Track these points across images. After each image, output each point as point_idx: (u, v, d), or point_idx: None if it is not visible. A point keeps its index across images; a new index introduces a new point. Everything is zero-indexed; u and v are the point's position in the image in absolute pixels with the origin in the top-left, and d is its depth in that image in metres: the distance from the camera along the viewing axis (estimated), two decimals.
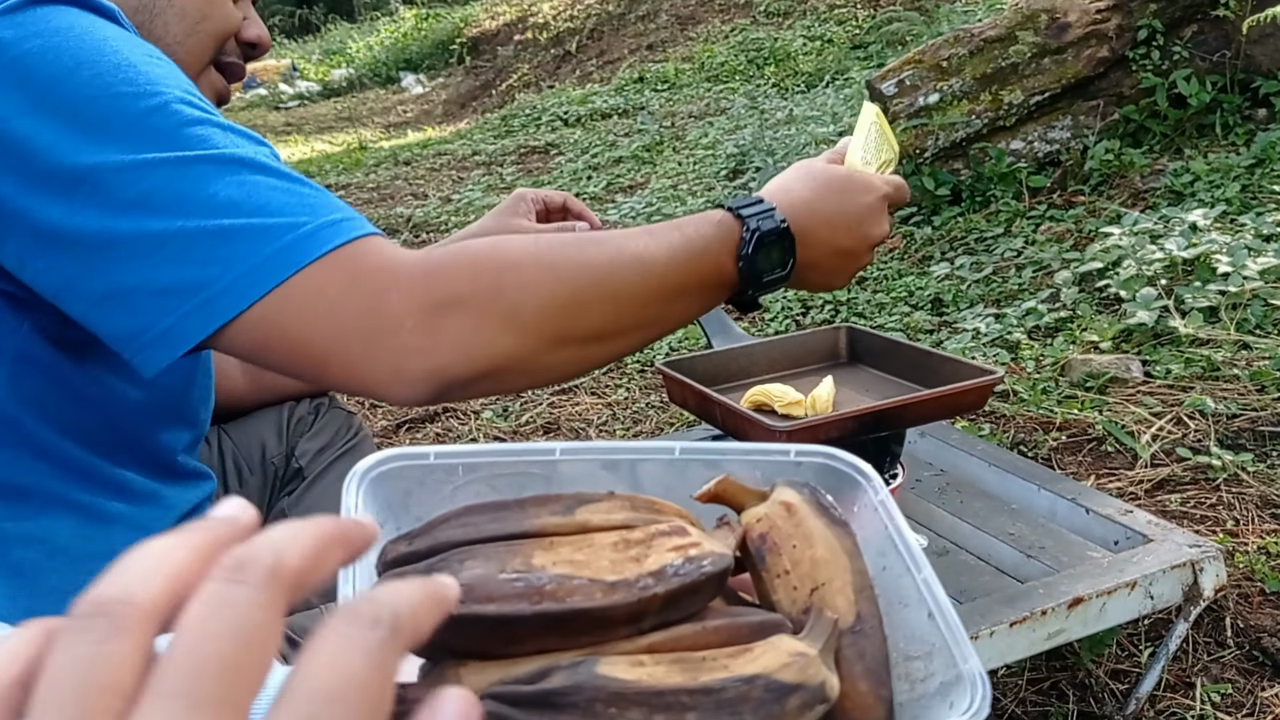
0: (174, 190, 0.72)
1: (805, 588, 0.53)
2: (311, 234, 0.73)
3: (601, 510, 0.54)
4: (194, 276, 0.72)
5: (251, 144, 0.78)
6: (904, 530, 0.56)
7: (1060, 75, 3.34)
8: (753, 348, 1.58)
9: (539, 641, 0.47)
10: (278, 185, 0.75)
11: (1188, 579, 1.31)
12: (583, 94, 7.30)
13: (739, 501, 0.57)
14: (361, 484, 0.54)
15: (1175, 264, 2.36)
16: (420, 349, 0.73)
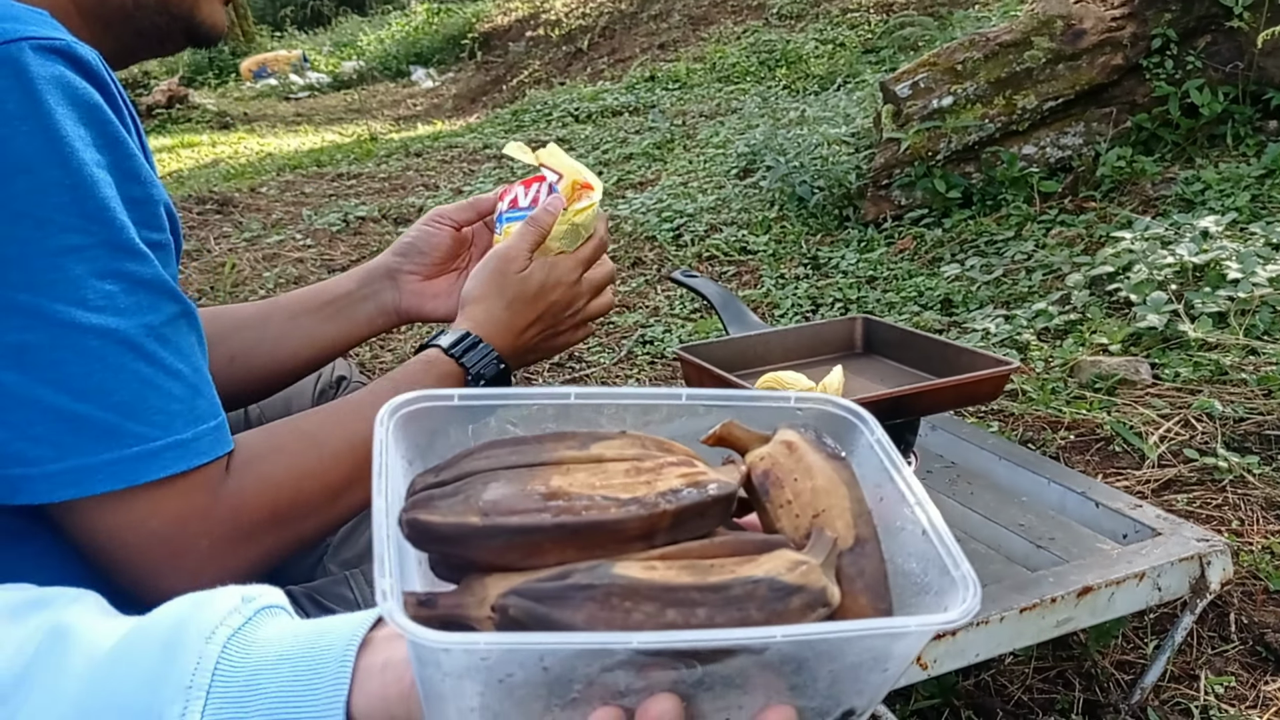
0: (50, 355, 0.70)
1: (807, 515, 0.57)
2: (151, 455, 0.73)
3: (615, 446, 0.58)
4: (22, 450, 0.71)
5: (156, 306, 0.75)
6: (899, 463, 0.59)
7: (1074, 81, 3.36)
8: (769, 336, 1.60)
9: (559, 553, 0.51)
10: (151, 379, 0.74)
11: (1195, 572, 1.33)
12: (594, 91, 7.32)
13: (743, 444, 0.61)
14: (391, 419, 0.58)
15: (1186, 269, 2.38)
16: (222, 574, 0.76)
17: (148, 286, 0.75)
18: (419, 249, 1.20)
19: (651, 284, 3.35)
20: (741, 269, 3.39)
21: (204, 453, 0.77)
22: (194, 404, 0.77)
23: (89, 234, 0.71)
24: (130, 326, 0.73)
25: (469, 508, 0.52)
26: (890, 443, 0.61)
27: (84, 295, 0.71)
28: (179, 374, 0.76)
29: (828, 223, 3.61)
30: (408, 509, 0.53)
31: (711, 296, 1.74)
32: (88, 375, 0.71)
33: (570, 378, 2.64)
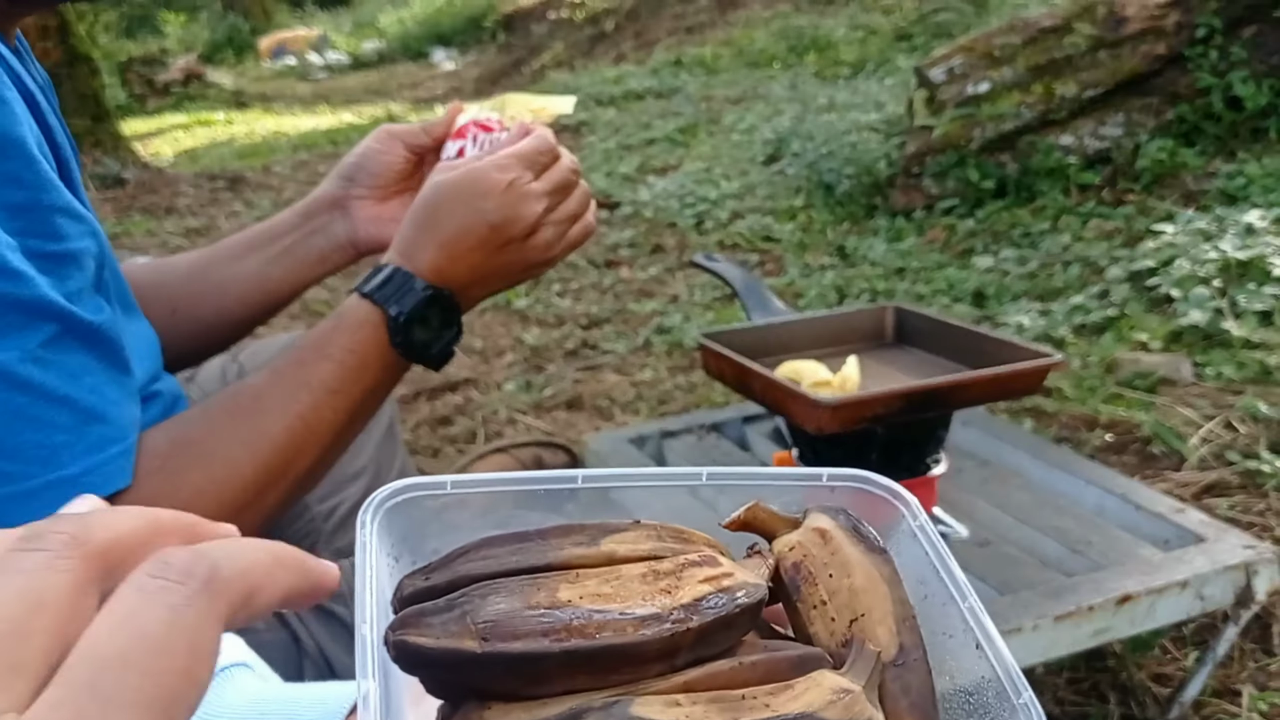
0: None
1: (844, 619, 0.50)
2: (28, 495, 0.67)
3: (628, 540, 0.51)
4: None
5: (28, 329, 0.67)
6: (946, 556, 0.52)
7: (1115, 70, 3.26)
8: (795, 323, 1.53)
9: (567, 681, 0.45)
10: (25, 410, 0.67)
11: (1240, 582, 1.25)
12: (617, 74, 7.24)
13: (770, 529, 0.54)
14: (376, 515, 0.51)
15: (1230, 265, 2.29)
16: None
17: (21, 308, 0.66)
18: (368, 170, 1.06)
19: (671, 271, 3.27)
20: (765, 257, 3.31)
21: (95, 488, 0.68)
22: (84, 433, 0.69)
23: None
24: (4, 361, 0.65)
25: (465, 629, 0.45)
26: (935, 531, 0.53)
27: None
28: (65, 400, 0.68)
29: (856, 211, 3.52)
30: (395, 627, 0.47)
31: (735, 281, 1.66)
32: None
33: (585, 365, 2.57)
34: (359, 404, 0.83)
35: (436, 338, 0.85)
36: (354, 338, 0.83)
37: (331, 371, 0.81)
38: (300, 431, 0.79)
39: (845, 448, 1.31)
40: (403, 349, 0.84)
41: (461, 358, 2.66)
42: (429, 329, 0.84)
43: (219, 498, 0.76)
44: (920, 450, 1.33)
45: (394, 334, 0.83)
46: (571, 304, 3.02)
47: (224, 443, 0.77)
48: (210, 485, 0.75)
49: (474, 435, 2.20)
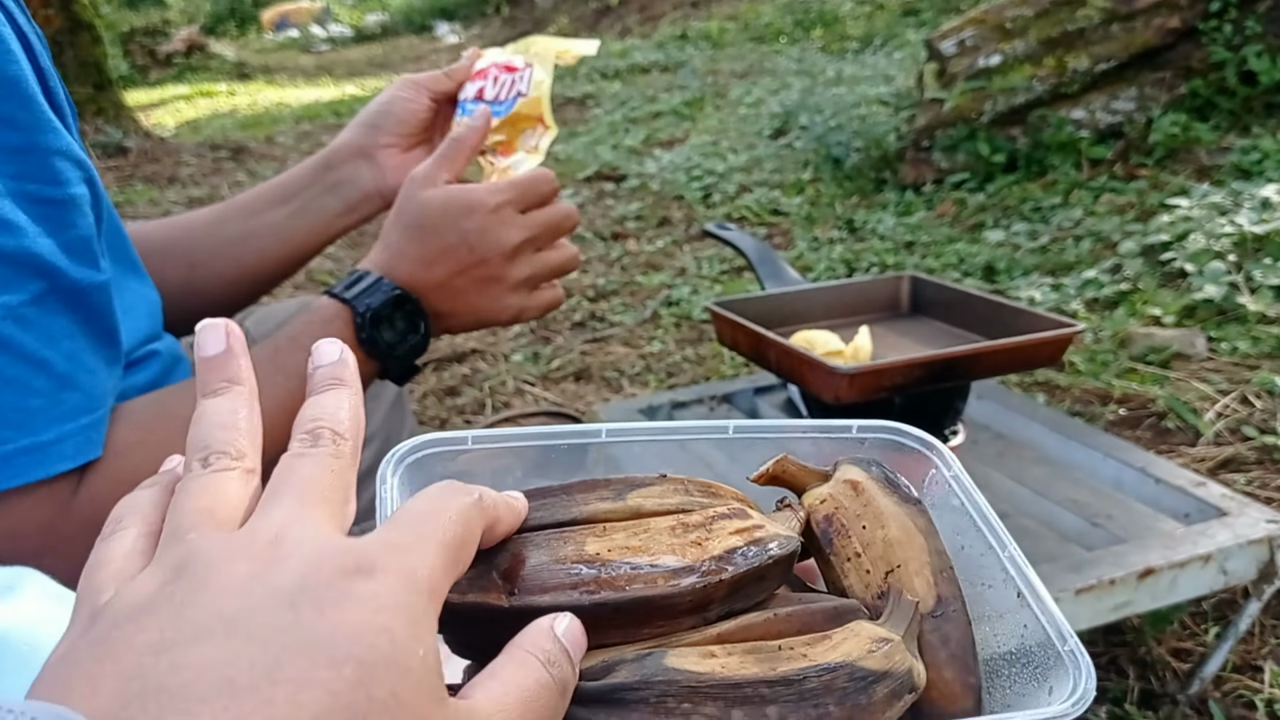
0: None
1: (879, 570, 0.49)
2: (6, 459, 0.64)
3: (654, 494, 0.50)
4: None
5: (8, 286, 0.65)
6: (983, 505, 0.50)
7: (1128, 43, 3.22)
8: (809, 292, 1.50)
9: (599, 634, 0.43)
10: (3, 371, 0.64)
11: (1264, 556, 1.23)
12: (623, 47, 7.18)
13: (800, 482, 0.52)
14: (398, 469, 0.50)
15: (1245, 239, 2.26)
16: None
17: (7, 260, 0.64)
18: (396, 116, 1.03)
19: (679, 244, 3.25)
20: (773, 230, 3.28)
21: (67, 457, 0.67)
22: (59, 399, 0.67)
23: None
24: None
25: (491, 583, 0.44)
26: (970, 481, 0.51)
27: None
28: (43, 363, 0.66)
29: (864, 185, 3.49)
30: None
31: (748, 250, 1.64)
32: None
33: (592, 338, 2.55)
34: None
35: (401, 340, 0.85)
36: (324, 331, 0.81)
37: (304, 362, 0.80)
38: (276, 415, 0.77)
39: (860, 417, 1.29)
40: (367, 346, 0.84)
41: None
42: (394, 329, 0.85)
43: None
44: (938, 421, 1.31)
45: (359, 329, 0.83)
46: (578, 276, 3.00)
47: None
48: None
49: (482, 406, 2.18)
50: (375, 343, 0.84)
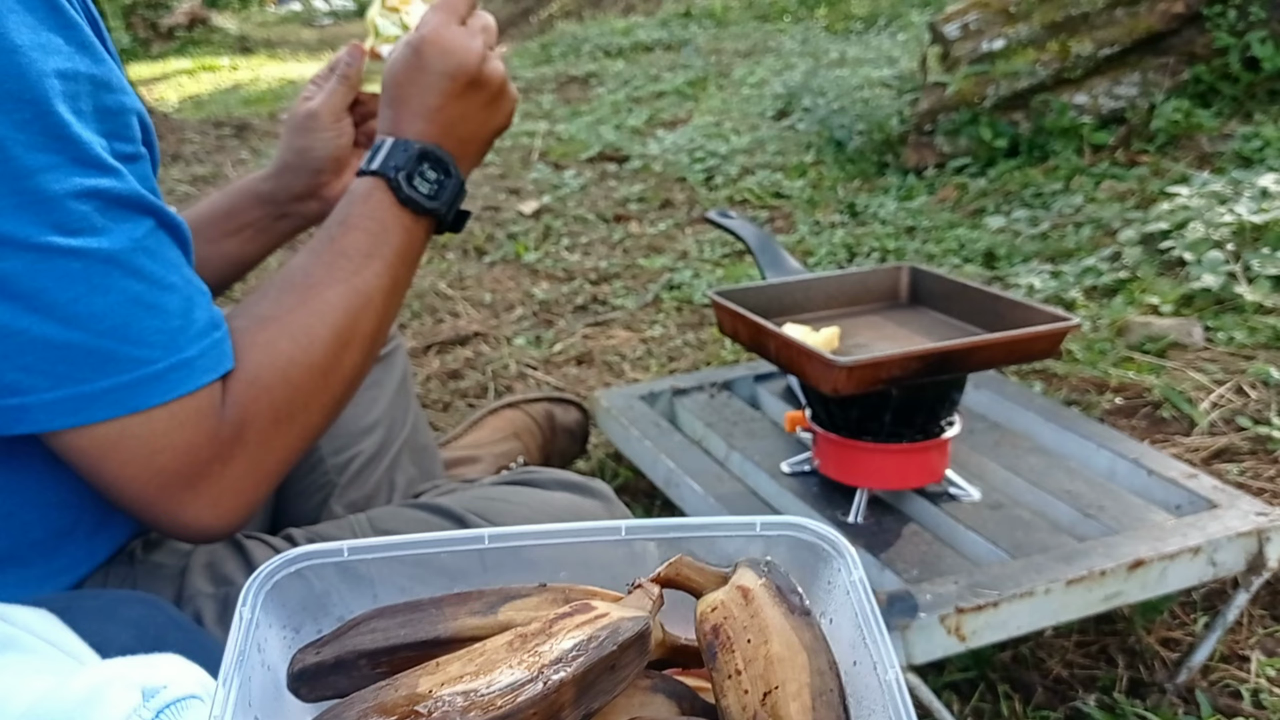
0: (31, 283, 0.66)
1: (757, 691, 0.46)
2: (154, 378, 0.70)
3: (530, 606, 0.49)
4: (15, 381, 0.68)
5: (135, 221, 0.71)
6: (874, 617, 0.48)
7: (1132, 28, 3.21)
8: (809, 282, 1.52)
9: None
10: (143, 296, 0.70)
11: (1253, 548, 1.25)
12: (626, 25, 7.16)
13: (696, 585, 0.51)
14: (260, 591, 0.49)
15: (1244, 229, 2.27)
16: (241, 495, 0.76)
17: (124, 201, 0.70)
18: (329, 156, 1.11)
19: (681, 226, 3.25)
20: (775, 214, 3.29)
21: (210, 369, 0.73)
22: (192, 317, 0.73)
23: (55, 152, 0.66)
24: (112, 244, 0.69)
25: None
26: (867, 587, 0.50)
27: (58, 217, 0.66)
28: (172, 287, 0.72)
29: (866, 168, 3.49)
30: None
31: (749, 239, 1.65)
32: (74, 300, 0.67)
33: (595, 321, 2.56)
34: (394, 266, 0.88)
35: (439, 188, 0.90)
36: (367, 205, 0.88)
37: (360, 239, 0.87)
38: (352, 295, 0.84)
39: (860, 409, 1.31)
40: (411, 206, 0.89)
41: (471, 311, 2.65)
42: (427, 181, 0.90)
43: (308, 364, 0.80)
44: (934, 412, 1.33)
45: (397, 191, 0.88)
46: (580, 258, 3.01)
47: (296, 315, 0.81)
48: (299, 353, 0.80)
49: (484, 389, 2.20)
50: (416, 201, 0.89)
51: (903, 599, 1.13)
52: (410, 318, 2.63)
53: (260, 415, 0.77)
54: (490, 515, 0.92)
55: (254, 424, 0.76)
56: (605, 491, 1.02)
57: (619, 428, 1.67)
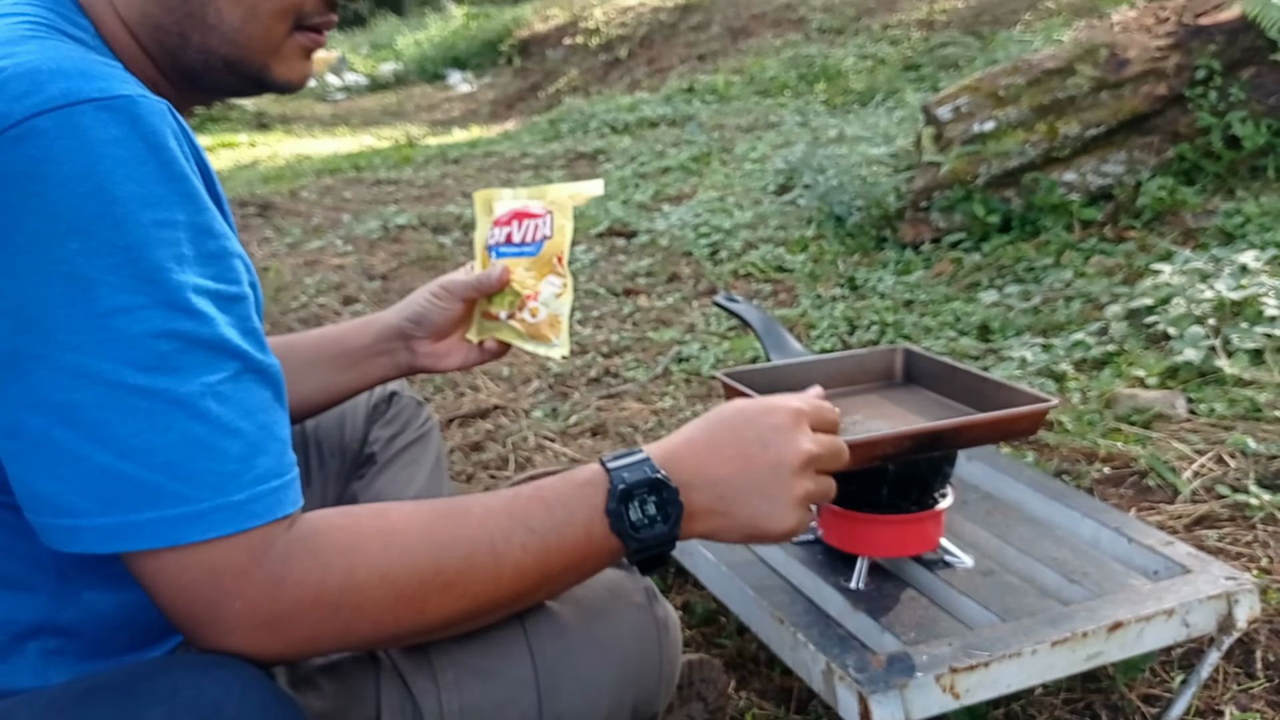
0: (97, 414, 0.70)
1: None
2: (201, 515, 0.72)
3: None
4: (70, 503, 0.72)
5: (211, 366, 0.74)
6: None
7: (1117, 110, 3.37)
8: (810, 364, 1.64)
9: None
10: (202, 439, 0.72)
11: (1222, 610, 1.35)
12: (631, 101, 7.38)
13: None
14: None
15: (1224, 304, 2.39)
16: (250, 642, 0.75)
17: (205, 345, 0.73)
18: (432, 320, 1.23)
19: (688, 300, 3.39)
20: (778, 287, 3.43)
21: (257, 515, 0.74)
22: (253, 463, 0.74)
23: (142, 294, 0.71)
24: (182, 385, 0.72)
25: None
26: None
27: (134, 355, 0.71)
28: (238, 432, 0.74)
29: (865, 243, 3.64)
30: None
31: (754, 322, 1.78)
32: (134, 434, 0.71)
33: (607, 393, 2.69)
34: (549, 555, 0.84)
35: (647, 524, 0.86)
36: (572, 490, 0.86)
37: (537, 511, 0.84)
38: (483, 550, 0.81)
39: (858, 483, 1.42)
40: (613, 519, 0.85)
41: (490, 385, 2.78)
42: (641, 511, 0.86)
43: (383, 575, 0.78)
44: (928, 485, 1.44)
45: (609, 498, 0.85)
46: (593, 332, 3.14)
47: (411, 527, 0.80)
48: (379, 558, 0.78)
49: (505, 461, 2.32)
50: (620, 516, 0.85)
51: (901, 659, 1.23)
52: (433, 392, 2.75)
53: (304, 586, 0.76)
54: None
55: (292, 591, 0.75)
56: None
57: None
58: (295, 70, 0.93)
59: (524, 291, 1.20)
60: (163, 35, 0.88)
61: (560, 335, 1.19)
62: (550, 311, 1.20)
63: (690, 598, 1.73)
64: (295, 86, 0.94)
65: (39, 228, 0.69)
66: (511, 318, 1.21)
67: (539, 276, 1.20)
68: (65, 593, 0.85)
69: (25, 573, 0.84)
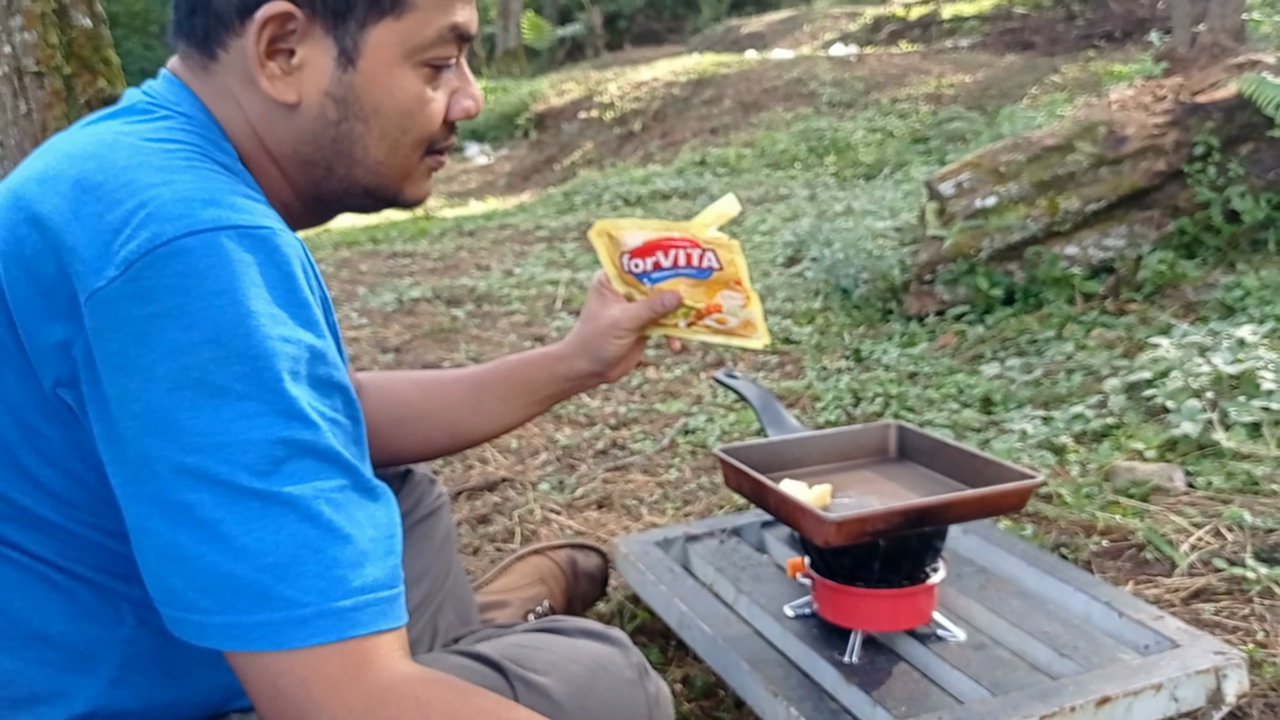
0: (213, 513, 0.74)
1: None
2: (305, 620, 0.74)
3: None
4: (194, 600, 0.76)
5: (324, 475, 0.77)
6: None
7: (1117, 185, 3.44)
8: (806, 440, 1.68)
9: None
10: (311, 541, 0.75)
11: (1211, 685, 1.37)
12: (644, 174, 7.50)
13: None
14: None
15: (1222, 378, 2.42)
16: None
17: (318, 454, 0.77)
18: (617, 356, 1.36)
19: (695, 372, 3.44)
20: (785, 359, 3.47)
21: (360, 624, 0.76)
22: (360, 571, 0.76)
23: (263, 402, 0.76)
24: (296, 491, 0.75)
25: None
26: None
27: (251, 459, 0.75)
28: (348, 540, 0.76)
29: (871, 315, 3.69)
30: None
31: (752, 399, 1.82)
32: (245, 535, 0.74)
33: (614, 465, 2.72)
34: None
35: None
36: None
37: None
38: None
39: (851, 558, 1.46)
40: None
41: (499, 457, 2.82)
42: None
43: None
44: (920, 560, 1.47)
45: None
46: (600, 404, 3.19)
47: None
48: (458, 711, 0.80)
49: (511, 534, 2.35)
50: None
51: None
52: (442, 464, 2.80)
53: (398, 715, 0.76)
54: (523, 661, 1.05)
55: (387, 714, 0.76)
56: (622, 639, 1.16)
57: (636, 573, 1.81)
58: (422, 189, 1.04)
59: (696, 305, 1.32)
60: (310, 169, 0.98)
61: (758, 332, 1.35)
62: (741, 319, 1.34)
63: (690, 671, 1.75)
64: (420, 203, 1.05)
65: (178, 336, 0.75)
66: (691, 325, 1.36)
67: (709, 295, 1.31)
68: (124, 680, 0.90)
69: (91, 653, 0.89)
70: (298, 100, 0.93)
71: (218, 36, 0.93)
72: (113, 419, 0.77)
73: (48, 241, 0.79)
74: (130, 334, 0.76)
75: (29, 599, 0.88)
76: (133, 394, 0.76)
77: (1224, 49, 3.97)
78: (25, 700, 0.89)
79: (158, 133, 0.88)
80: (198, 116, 0.93)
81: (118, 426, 0.77)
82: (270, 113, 0.94)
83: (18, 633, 0.88)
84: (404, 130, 0.96)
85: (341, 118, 0.94)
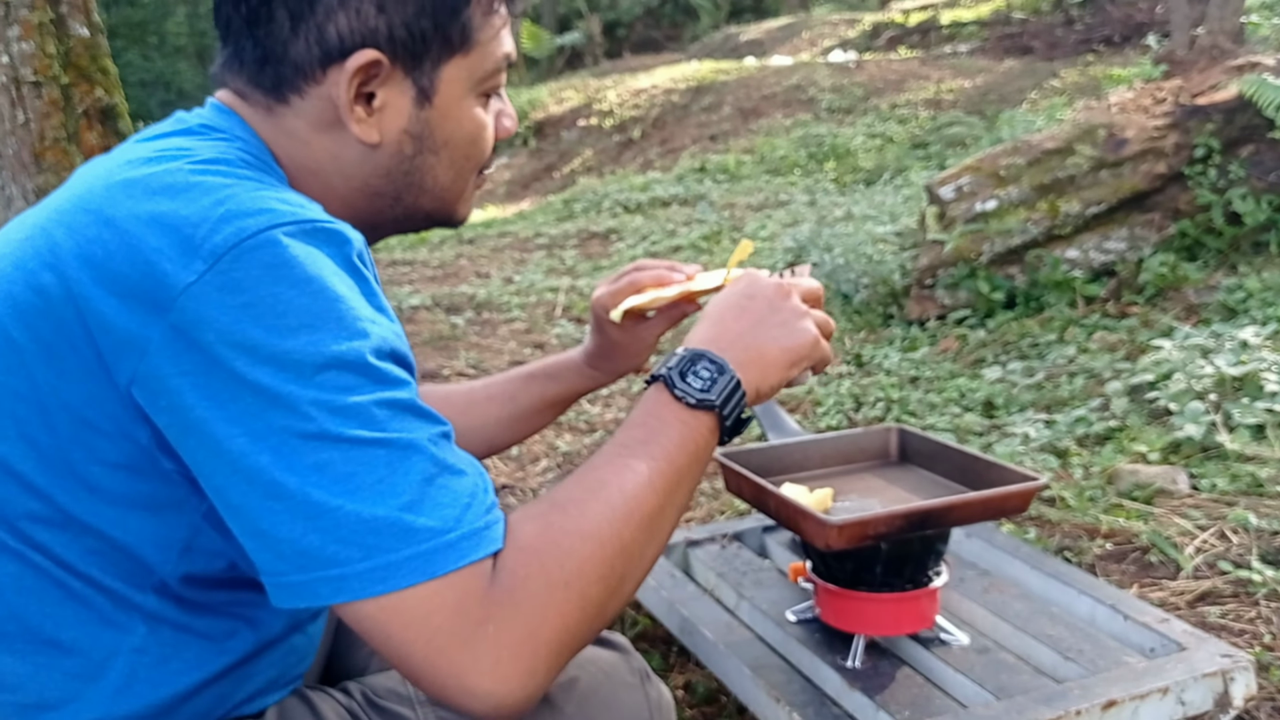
0: (345, 468, 0.78)
1: None
2: (449, 546, 0.79)
3: None
4: (334, 553, 0.78)
5: (424, 425, 0.83)
6: None
7: (1117, 188, 3.43)
8: (807, 444, 1.66)
9: None
10: (436, 478, 0.80)
11: (1219, 688, 1.36)
12: (644, 181, 7.50)
13: None
14: None
15: (1225, 380, 2.41)
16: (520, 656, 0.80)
17: (415, 411, 0.83)
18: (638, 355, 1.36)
19: None
20: None
21: (492, 541, 0.81)
22: (479, 498, 0.82)
23: (359, 375, 0.81)
24: (409, 436, 0.81)
25: None
26: None
27: (363, 419, 0.80)
28: (462, 472, 0.82)
29: (872, 320, 3.68)
30: None
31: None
32: (378, 482, 0.78)
33: None
34: (672, 455, 0.93)
35: (710, 384, 0.96)
36: (646, 404, 0.97)
37: (638, 432, 0.94)
38: (626, 472, 0.90)
39: (853, 562, 1.44)
40: (685, 400, 0.95)
41: (499, 464, 2.81)
42: (699, 377, 0.96)
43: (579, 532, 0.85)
44: (922, 563, 1.46)
45: (671, 387, 0.95)
46: (601, 410, 3.17)
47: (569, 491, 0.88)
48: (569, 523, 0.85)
49: None
50: (688, 395, 0.95)
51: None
52: None
53: (531, 579, 0.81)
54: None
55: (525, 588, 0.81)
56: (624, 644, 1.15)
57: None
58: (470, 207, 1.10)
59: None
60: (377, 199, 1.03)
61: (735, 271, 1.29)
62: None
63: (692, 677, 1.74)
64: (466, 219, 1.11)
65: (275, 321, 0.80)
66: None
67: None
68: (129, 688, 0.91)
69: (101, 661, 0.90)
70: (379, 140, 0.98)
71: (294, 84, 0.97)
72: (216, 405, 0.80)
73: (123, 240, 0.83)
74: (226, 323, 0.80)
75: (44, 604, 0.89)
76: (238, 378, 0.80)
77: (1223, 51, 3.97)
78: (34, 706, 0.90)
79: (216, 149, 0.93)
80: (252, 142, 0.98)
81: (224, 410, 0.80)
82: (345, 152, 0.99)
83: (30, 638, 0.90)
84: (468, 157, 1.03)
85: (416, 151, 1.00)
